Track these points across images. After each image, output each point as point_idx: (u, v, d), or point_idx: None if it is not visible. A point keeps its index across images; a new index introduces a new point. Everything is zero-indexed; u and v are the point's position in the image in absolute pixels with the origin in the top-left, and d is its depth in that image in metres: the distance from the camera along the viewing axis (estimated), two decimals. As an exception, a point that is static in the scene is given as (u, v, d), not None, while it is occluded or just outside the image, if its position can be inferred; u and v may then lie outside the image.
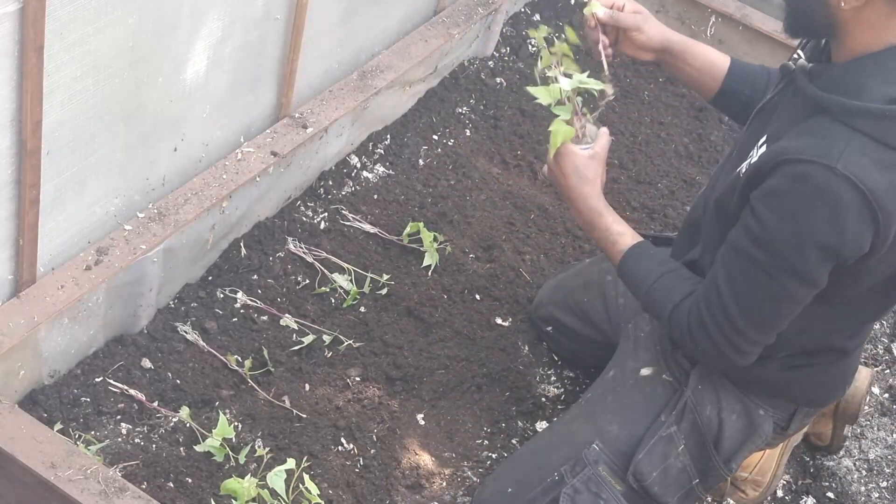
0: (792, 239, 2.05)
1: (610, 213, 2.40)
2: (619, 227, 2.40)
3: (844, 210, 2.00)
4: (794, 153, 2.03)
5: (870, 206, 2.00)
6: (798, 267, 2.09)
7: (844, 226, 2.01)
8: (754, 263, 2.13)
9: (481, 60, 3.86)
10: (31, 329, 2.41)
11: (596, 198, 2.38)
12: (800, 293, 2.14)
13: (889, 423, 3.09)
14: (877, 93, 2.01)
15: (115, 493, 2.17)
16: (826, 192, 1.99)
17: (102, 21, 2.28)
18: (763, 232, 2.09)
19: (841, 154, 1.99)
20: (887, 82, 2.02)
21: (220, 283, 2.91)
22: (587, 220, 2.41)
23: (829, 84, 2.08)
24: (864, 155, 1.99)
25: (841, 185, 1.98)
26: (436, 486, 2.63)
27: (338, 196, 3.23)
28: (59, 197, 2.44)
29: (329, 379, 2.77)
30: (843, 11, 2.03)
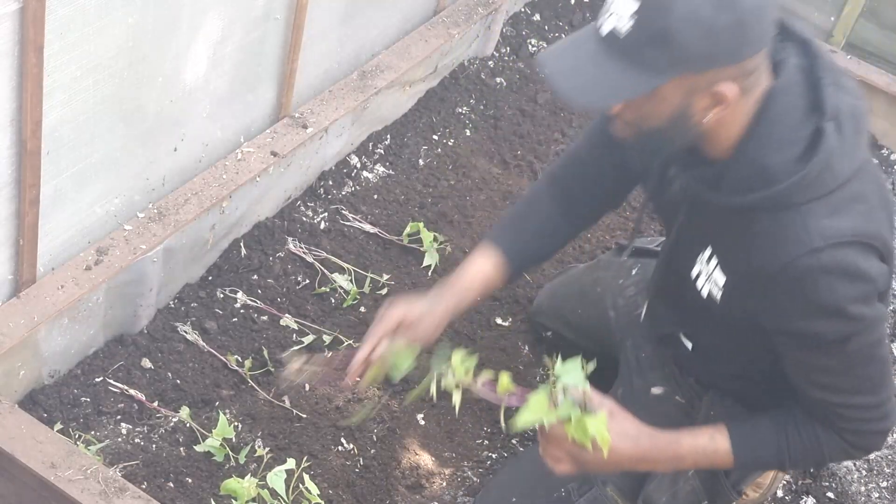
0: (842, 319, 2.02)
1: (681, 434, 2.22)
2: (700, 437, 2.22)
3: (853, 264, 1.98)
4: (774, 262, 2.00)
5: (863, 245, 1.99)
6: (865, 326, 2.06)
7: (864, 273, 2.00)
8: (840, 360, 2.09)
9: (481, 60, 3.86)
10: (31, 329, 2.40)
11: (658, 435, 2.19)
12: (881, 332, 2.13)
13: (889, 423, 3.09)
14: (783, 164, 1.96)
15: (115, 493, 2.17)
16: (828, 268, 1.97)
17: (102, 21, 2.28)
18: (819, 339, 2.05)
19: (808, 233, 1.97)
20: (780, 148, 1.96)
21: (220, 283, 2.91)
22: (673, 458, 2.21)
23: (735, 183, 2.02)
24: (821, 217, 1.97)
25: (832, 253, 1.97)
26: (436, 486, 2.62)
27: (338, 196, 3.23)
28: (59, 197, 2.44)
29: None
30: (707, 124, 1.96)
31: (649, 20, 1.82)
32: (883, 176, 2.14)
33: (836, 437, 2.19)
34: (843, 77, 2.07)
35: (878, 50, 4.13)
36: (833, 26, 4.12)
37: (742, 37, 1.83)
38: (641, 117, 1.97)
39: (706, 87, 1.89)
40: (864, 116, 2.04)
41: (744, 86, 1.91)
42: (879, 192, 2.07)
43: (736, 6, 1.81)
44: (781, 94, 1.96)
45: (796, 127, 1.96)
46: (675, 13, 1.80)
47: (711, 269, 2.16)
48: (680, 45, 1.82)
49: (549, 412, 2.03)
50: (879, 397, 2.16)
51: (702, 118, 1.94)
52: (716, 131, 1.99)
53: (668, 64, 1.85)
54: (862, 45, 4.14)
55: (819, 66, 2.00)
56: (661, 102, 1.92)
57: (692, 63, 1.85)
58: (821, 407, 2.17)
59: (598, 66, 1.89)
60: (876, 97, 3.98)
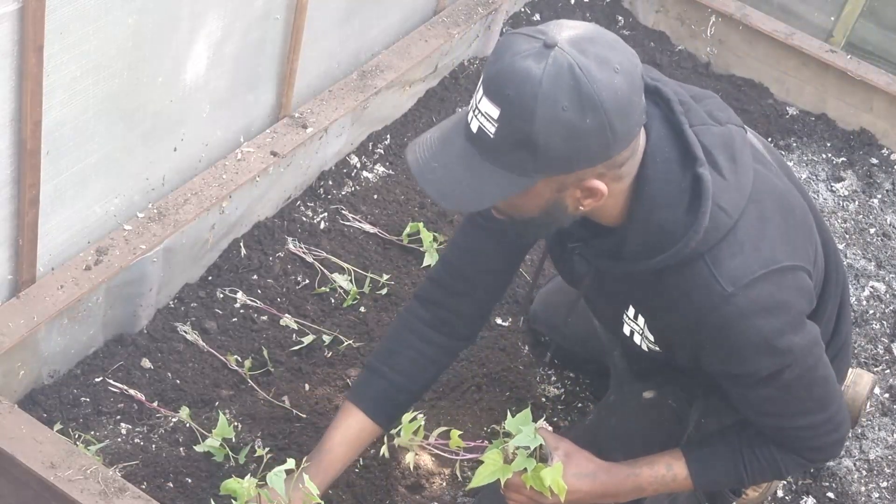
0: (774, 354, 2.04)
1: (639, 465, 2.28)
2: (658, 466, 2.28)
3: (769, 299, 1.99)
4: (693, 315, 2.01)
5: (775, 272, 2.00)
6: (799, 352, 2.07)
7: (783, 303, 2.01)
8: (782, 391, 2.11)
9: (481, 60, 3.86)
10: (30, 329, 2.40)
11: (615, 469, 2.26)
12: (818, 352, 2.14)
13: (889, 424, 3.08)
14: (674, 220, 1.96)
15: (114, 493, 2.17)
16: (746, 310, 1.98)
17: (102, 21, 2.28)
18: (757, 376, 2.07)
19: (717, 281, 1.97)
20: (668, 206, 1.95)
21: (220, 283, 2.91)
22: (633, 489, 2.27)
23: (635, 249, 2.01)
24: (725, 260, 1.97)
25: (745, 295, 1.97)
26: (436, 486, 2.62)
27: (338, 196, 3.23)
28: (59, 197, 2.44)
29: (329, 379, 2.76)
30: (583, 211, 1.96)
31: (513, 126, 1.80)
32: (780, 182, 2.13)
33: (793, 456, 2.24)
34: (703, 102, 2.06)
35: (878, 50, 4.14)
36: (833, 26, 4.13)
37: (608, 138, 1.81)
38: (514, 210, 1.96)
39: (576, 183, 1.88)
40: (736, 140, 2.03)
41: (616, 175, 1.90)
42: (781, 204, 2.08)
43: (599, 108, 1.77)
44: (654, 154, 1.95)
45: (676, 180, 1.95)
46: (538, 120, 1.77)
47: (641, 325, 2.19)
48: (545, 150, 1.80)
49: (504, 468, 2.12)
50: (828, 413, 2.19)
51: (576, 208, 1.94)
52: (599, 211, 1.98)
53: (535, 168, 1.83)
54: (862, 45, 4.14)
55: (676, 111, 1.98)
56: (532, 199, 1.91)
57: (559, 166, 1.83)
58: (774, 432, 2.21)
59: (465, 167, 1.87)
60: (876, 97, 3.98)
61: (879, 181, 3.90)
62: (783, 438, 2.22)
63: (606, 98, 1.77)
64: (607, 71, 1.77)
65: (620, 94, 1.78)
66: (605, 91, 1.77)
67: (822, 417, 2.19)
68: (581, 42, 1.78)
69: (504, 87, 1.78)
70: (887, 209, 3.80)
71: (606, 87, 1.77)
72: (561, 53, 1.76)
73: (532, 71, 1.76)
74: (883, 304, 3.44)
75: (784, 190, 2.12)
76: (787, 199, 2.11)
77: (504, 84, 1.78)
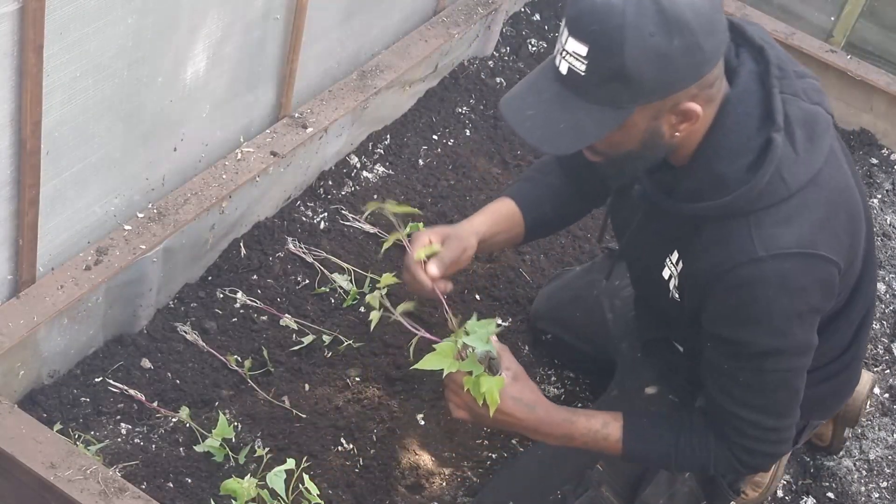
0: (770, 332, 2.04)
1: (578, 414, 2.27)
2: (594, 420, 2.26)
3: (793, 278, 2.00)
4: (719, 267, 2.01)
5: (808, 256, 2.00)
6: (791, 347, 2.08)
7: (803, 288, 2.01)
8: (756, 374, 2.11)
9: (481, 60, 3.86)
10: (30, 329, 2.40)
11: (555, 410, 2.24)
12: (804, 361, 2.13)
13: (890, 424, 3.08)
14: (734, 173, 1.98)
15: (114, 493, 2.17)
16: (767, 279, 1.99)
17: (102, 21, 2.28)
18: (743, 347, 2.07)
19: (752, 242, 1.98)
20: (733, 157, 1.98)
21: (220, 283, 2.91)
22: (564, 435, 2.25)
23: (689, 191, 2.04)
24: (768, 227, 1.99)
25: (773, 264, 1.98)
26: (436, 486, 2.62)
27: (338, 196, 3.23)
28: (59, 197, 2.44)
29: (329, 379, 2.76)
30: (678, 138, 1.98)
31: (603, 60, 1.83)
32: (848, 177, 2.14)
33: (726, 452, 2.22)
34: (803, 80, 2.07)
35: (878, 50, 4.13)
36: (833, 26, 4.12)
37: (698, 57, 1.84)
38: (612, 147, 1.98)
39: (672, 108, 1.90)
40: (820, 122, 2.05)
41: (708, 96, 1.93)
42: (839, 198, 2.08)
43: (685, 28, 1.81)
44: (736, 104, 1.97)
45: (750, 136, 1.97)
46: (627, 50, 1.80)
47: (678, 271, 2.18)
48: (638, 79, 1.83)
49: (451, 362, 2.11)
50: (780, 423, 2.19)
51: (672, 134, 1.96)
52: (684, 142, 2.01)
53: (630, 97, 1.86)
54: (862, 44, 4.14)
55: (772, 74, 2.00)
56: (629, 131, 1.93)
57: (653, 93, 1.86)
58: (724, 417, 2.19)
59: (561, 109, 1.90)
60: (876, 97, 3.98)
61: (879, 181, 3.90)
62: (728, 427, 2.19)
63: (691, 18, 1.80)
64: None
65: (703, 12, 1.82)
66: (689, 11, 1.80)
67: (773, 423, 2.18)
68: None
69: (589, 23, 1.82)
70: (887, 209, 3.80)
71: (689, 7, 1.80)
72: None
73: (613, 3, 1.80)
74: (883, 304, 3.44)
75: (845, 186, 2.12)
76: (847, 197, 2.11)
77: (588, 21, 1.82)
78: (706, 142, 1.99)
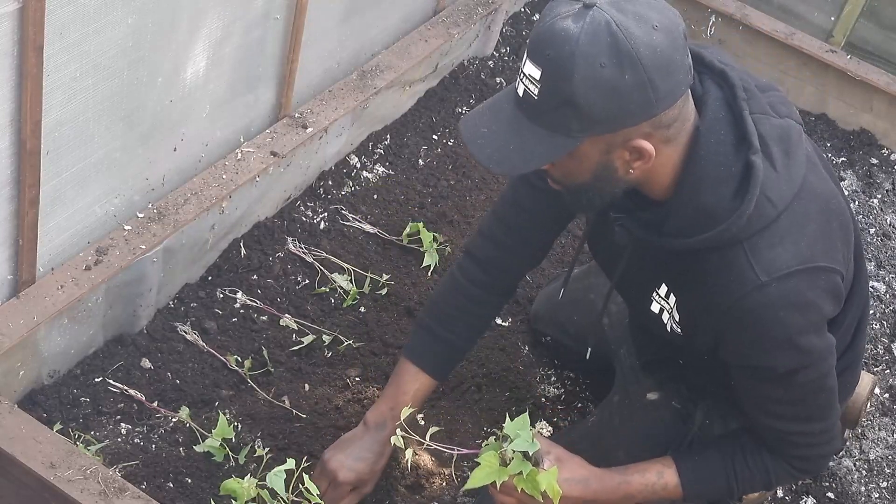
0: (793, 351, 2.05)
1: (630, 472, 2.29)
2: (649, 474, 2.28)
3: (800, 295, 2.00)
4: (725, 299, 2.01)
5: (810, 270, 2.01)
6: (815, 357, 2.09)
7: (811, 302, 2.02)
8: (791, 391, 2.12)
9: (481, 60, 3.86)
10: (30, 329, 2.40)
11: (607, 477, 2.27)
12: (831, 362, 2.15)
13: (890, 424, 3.08)
14: (720, 202, 1.97)
15: (114, 493, 2.17)
16: (775, 302, 1.99)
17: (102, 21, 2.28)
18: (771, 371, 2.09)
19: (752, 269, 1.98)
20: (715, 186, 1.96)
21: (220, 283, 2.91)
22: (623, 497, 2.28)
23: (677, 226, 2.02)
24: (764, 250, 1.98)
25: (778, 287, 1.98)
26: (436, 486, 2.62)
27: (337, 196, 3.23)
28: (59, 197, 2.44)
29: (329, 379, 2.76)
30: (633, 176, 1.97)
31: (554, 86, 1.82)
32: (830, 184, 2.14)
33: (783, 464, 2.24)
34: (767, 94, 2.06)
35: (878, 50, 4.13)
36: (833, 26, 4.12)
37: (650, 95, 1.82)
38: (566, 175, 1.98)
39: (622, 144, 1.89)
40: (793, 135, 2.04)
41: (664, 137, 1.91)
42: (827, 206, 2.08)
43: (638, 64, 1.79)
44: (708, 134, 1.96)
45: (728, 163, 1.96)
46: (577, 78, 1.79)
47: (672, 304, 2.19)
48: (587, 108, 1.82)
49: (500, 471, 2.12)
50: (826, 423, 2.21)
51: (626, 171, 1.95)
52: (648, 178, 1.99)
53: (580, 126, 1.85)
54: (862, 45, 4.14)
55: (738, 97, 1.99)
56: (581, 161, 1.92)
57: (603, 124, 1.85)
58: (771, 433, 2.22)
59: (513, 131, 1.90)
60: (876, 97, 3.98)
61: (879, 181, 3.90)
62: (779, 442, 2.23)
63: (645, 54, 1.79)
64: (646, 28, 1.79)
65: (660, 51, 1.80)
66: (644, 48, 1.79)
67: (819, 427, 2.20)
68: (620, 1, 1.81)
69: (544, 48, 1.82)
70: (887, 209, 3.80)
71: (645, 44, 1.79)
72: (599, 12, 1.79)
73: (570, 30, 1.79)
74: (883, 304, 3.44)
75: (830, 194, 2.12)
76: (832, 202, 2.11)
77: (544, 45, 1.82)
78: (685, 175, 1.97)
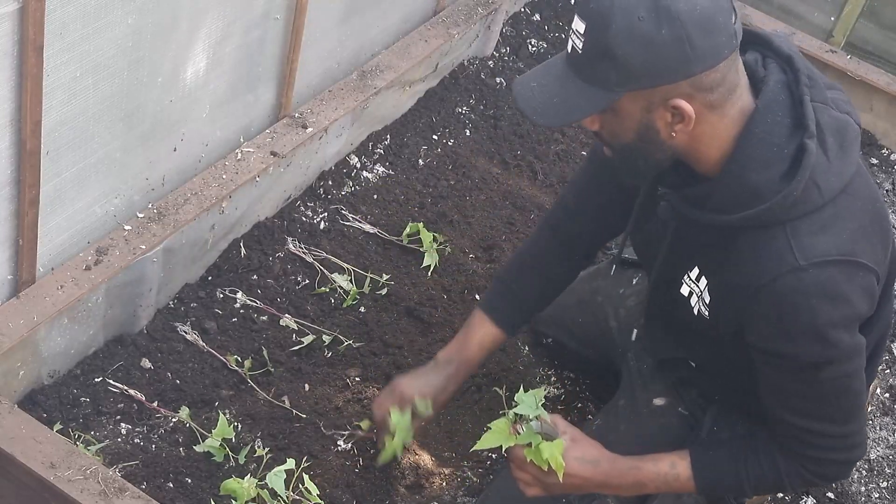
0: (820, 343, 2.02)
1: (643, 460, 2.28)
2: (661, 463, 2.27)
3: (834, 286, 1.98)
4: (758, 279, 2.00)
5: (848, 263, 1.99)
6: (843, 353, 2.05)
7: (846, 296, 2.00)
8: (814, 386, 2.09)
9: (481, 60, 3.86)
10: (30, 329, 2.40)
11: (620, 461, 2.26)
12: (858, 363, 2.11)
13: (890, 423, 3.08)
14: (767, 182, 1.97)
15: (114, 493, 2.17)
16: (809, 288, 1.97)
17: (102, 21, 2.28)
18: (796, 361, 2.06)
19: (791, 251, 1.97)
20: (765, 166, 1.97)
21: (220, 283, 2.91)
22: (634, 483, 2.27)
23: (721, 203, 2.02)
24: (805, 235, 1.98)
25: (814, 273, 1.97)
26: (436, 486, 2.62)
27: (337, 196, 3.23)
28: (59, 197, 2.44)
29: (329, 379, 2.76)
30: (677, 140, 1.98)
31: (594, 38, 1.87)
32: (876, 190, 2.14)
33: (796, 466, 2.20)
34: (831, 91, 2.06)
35: (878, 50, 4.14)
36: (833, 26, 4.13)
37: (687, 52, 1.84)
38: (611, 134, 2.01)
39: (661, 103, 1.91)
40: (850, 131, 2.03)
41: (707, 101, 1.92)
42: (872, 208, 2.07)
43: (677, 21, 1.82)
44: (764, 113, 1.97)
45: (780, 145, 1.97)
46: (614, 30, 1.84)
47: (701, 289, 2.17)
48: (623, 60, 1.86)
49: (508, 437, 2.18)
50: (847, 428, 2.16)
51: (668, 134, 1.96)
52: (695, 148, 2.00)
53: (618, 80, 1.89)
54: (862, 45, 4.14)
55: (801, 83, 2.00)
56: (623, 119, 1.95)
57: (639, 79, 1.88)
58: (787, 430, 2.18)
59: (559, 85, 1.96)
60: (876, 97, 3.98)
61: (879, 181, 3.90)
62: (794, 440, 2.18)
63: (684, 10, 1.82)
64: None
65: (700, 10, 1.83)
66: (684, 3, 1.83)
67: (840, 430, 2.15)
68: None
69: (589, 1, 1.88)
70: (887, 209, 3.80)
71: (686, 1, 1.83)
72: None
73: None
74: (883, 304, 3.43)
75: (875, 198, 2.12)
76: (876, 205, 2.11)
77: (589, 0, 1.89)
78: (736, 152, 1.98)
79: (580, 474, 2.22)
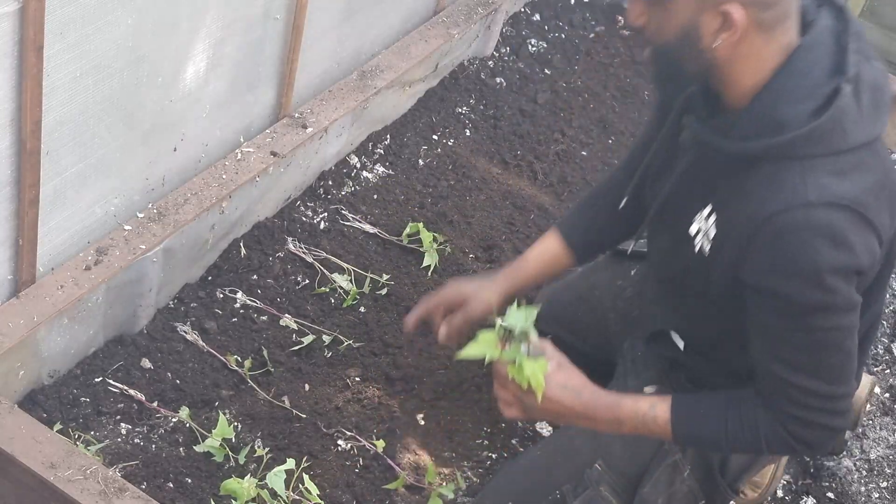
0: (817, 286, 1.98)
1: (625, 397, 2.23)
2: (642, 402, 2.22)
3: (841, 231, 1.96)
4: (767, 208, 1.97)
5: (859, 215, 1.97)
6: (838, 303, 2.02)
7: (851, 244, 1.97)
8: (805, 333, 2.04)
9: (481, 60, 3.86)
10: (30, 329, 2.40)
11: (603, 394, 2.22)
12: (853, 320, 2.07)
13: (891, 423, 3.08)
14: (796, 117, 1.96)
15: (114, 493, 2.17)
16: (816, 226, 1.95)
17: (102, 21, 2.28)
18: (789, 303, 2.01)
19: (805, 186, 1.95)
20: (797, 101, 1.96)
21: (220, 283, 2.91)
22: (612, 419, 2.22)
23: (745, 132, 2.01)
24: (822, 174, 1.96)
25: (824, 212, 1.95)
26: (436, 486, 2.62)
27: (337, 196, 3.23)
28: (59, 197, 2.44)
29: (329, 379, 2.76)
30: (718, 52, 1.97)
31: None
32: (892, 165, 2.11)
33: (777, 426, 2.14)
34: (872, 52, 2.07)
35: (878, 50, 4.12)
36: (833, 26, 4.12)
37: None
38: (655, 30, 2.01)
39: (715, 5, 1.92)
40: (885, 92, 2.03)
41: (758, 18, 1.93)
42: (887, 178, 2.05)
43: None
44: (806, 51, 1.97)
45: (816, 84, 1.97)
46: None
47: (709, 225, 2.14)
48: None
49: (493, 349, 2.10)
50: (834, 390, 2.10)
51: (711, 42, 1.96)
52: (731, 69, 2.00)
53: None
54: (862, 45, 4.14)
55: (850, 31, 2.00)
56: (671, 14, 1.96)
57: None
58: (773, 384, 2.11)
59: None
60: (876, 97, 3.97)
61: (879, 181, 3.90)
62: (778, 396, 2.11)
63: None
64: None
65: None
66: None
67: (827, 390, 2.09)
68: None
69: None
70: (887, 209, 3.80)
71: None
72: None
73: None
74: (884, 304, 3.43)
75: (891, 169, 2.09)
76: (892, 176, 2.08)
77: None
78: (770, 83, 1.98)
79: (560, 401, 2.17)
